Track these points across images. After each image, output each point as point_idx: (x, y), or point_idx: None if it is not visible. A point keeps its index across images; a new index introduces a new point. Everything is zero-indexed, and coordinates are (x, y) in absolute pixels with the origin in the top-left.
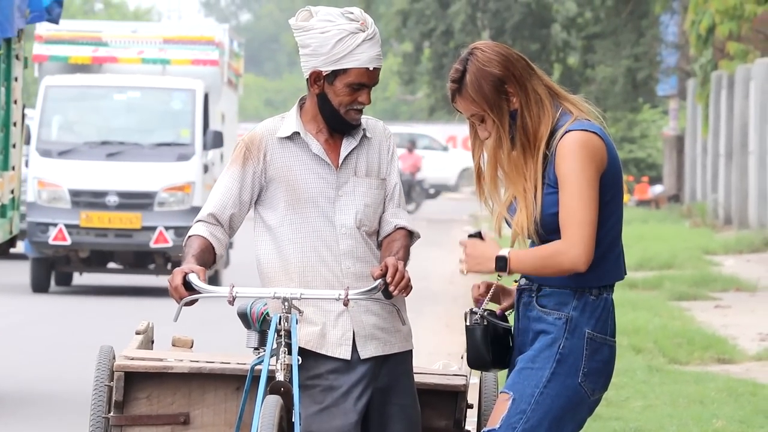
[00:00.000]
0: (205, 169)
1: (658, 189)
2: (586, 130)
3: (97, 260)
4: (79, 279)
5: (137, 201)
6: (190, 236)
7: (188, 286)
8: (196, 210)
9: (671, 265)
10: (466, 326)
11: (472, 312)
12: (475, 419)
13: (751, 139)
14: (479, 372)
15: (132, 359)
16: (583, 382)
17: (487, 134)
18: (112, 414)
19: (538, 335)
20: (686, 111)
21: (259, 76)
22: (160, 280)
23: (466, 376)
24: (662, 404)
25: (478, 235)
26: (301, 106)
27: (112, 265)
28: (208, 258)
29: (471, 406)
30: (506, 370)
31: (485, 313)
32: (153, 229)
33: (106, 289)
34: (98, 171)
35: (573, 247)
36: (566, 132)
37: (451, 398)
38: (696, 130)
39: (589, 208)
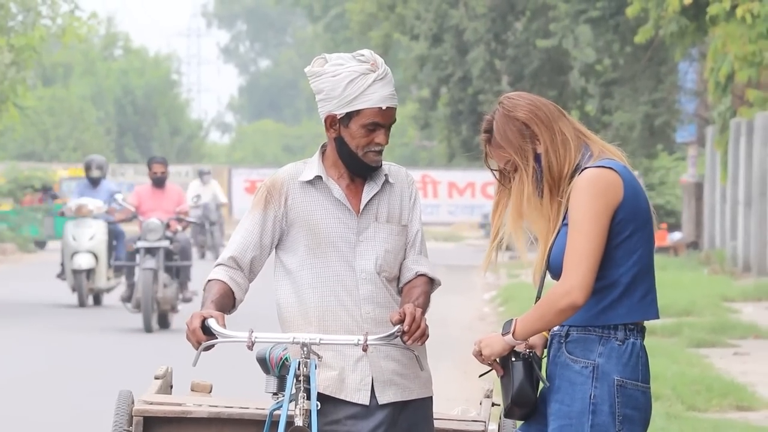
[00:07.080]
0: None
1: (676, 236)
2: (601, 167)
3: None
4: (96, 321)
5: None
6: (210, 280)
7: (207, 331)
8: None
9: (690, 312)
10: (512, 361)
11: (515, 353)
12: None
13: None
14: (497, 418)
15: (151, 404)
16: (621, 431)
17: None
18: None
19: (566, 384)
20: (705, 158)
21: (278, 121)
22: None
23: (484, 422)
24: None
25: None
26: (323, 152)
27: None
28: (228, 303)
29: None
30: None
31: (529, 353)
32: None
33: (124, 332)
34: None
35: (567, 280)
36: (582, 170)
37: None
38: (715, 177)
39: (588, 241)
